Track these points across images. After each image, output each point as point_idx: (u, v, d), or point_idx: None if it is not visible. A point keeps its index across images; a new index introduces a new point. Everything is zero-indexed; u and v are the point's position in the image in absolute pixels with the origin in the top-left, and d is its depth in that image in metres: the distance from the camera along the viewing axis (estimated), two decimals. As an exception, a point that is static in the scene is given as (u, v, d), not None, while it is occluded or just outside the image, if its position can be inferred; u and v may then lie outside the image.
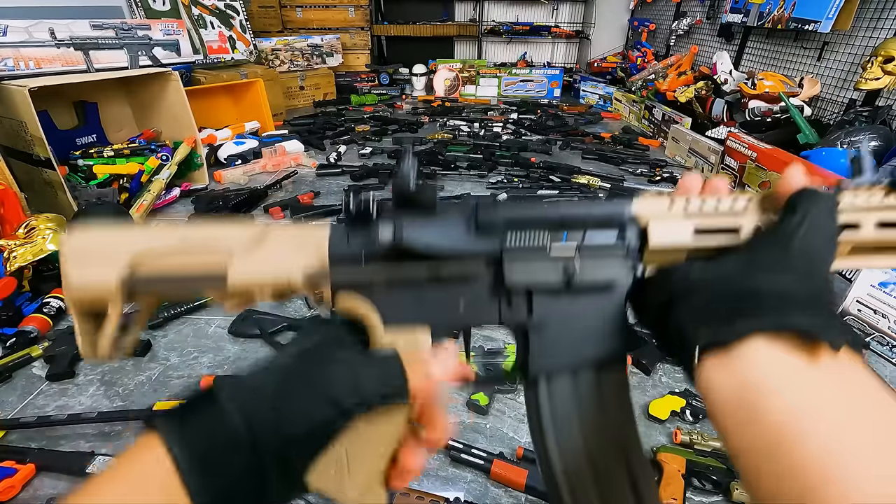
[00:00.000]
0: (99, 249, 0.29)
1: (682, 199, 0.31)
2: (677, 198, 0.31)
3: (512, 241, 0.30)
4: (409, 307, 0.30)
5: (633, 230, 0.31)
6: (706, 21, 3.21)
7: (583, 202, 0.32)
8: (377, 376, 0.27)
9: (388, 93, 3.91)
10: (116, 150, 1.90)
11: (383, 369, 0.27)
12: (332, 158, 2.40)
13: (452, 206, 0.31)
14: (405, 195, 0.30)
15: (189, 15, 2.70)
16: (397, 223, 0.29)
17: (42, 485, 0.84)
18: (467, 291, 0.31)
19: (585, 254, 0.30)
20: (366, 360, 0.28)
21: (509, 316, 0.31)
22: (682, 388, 1.03)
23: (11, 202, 1.48)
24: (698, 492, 0.84)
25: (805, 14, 2.22)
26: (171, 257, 0.29)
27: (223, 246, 0.29)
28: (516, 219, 0.30)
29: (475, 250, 0.30)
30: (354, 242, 0.30)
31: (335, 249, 0.29)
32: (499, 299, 0.31)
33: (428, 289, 0.30)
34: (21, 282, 1.30)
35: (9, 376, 1.07)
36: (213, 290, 0.30)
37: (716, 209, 0.31)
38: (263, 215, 1.87)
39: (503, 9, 4.41)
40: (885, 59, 1.84)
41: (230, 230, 0.30)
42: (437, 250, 0.29)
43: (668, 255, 0.31)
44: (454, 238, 0.30)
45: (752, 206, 0.31)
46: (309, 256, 0.29)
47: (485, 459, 0.86)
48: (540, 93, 4.07)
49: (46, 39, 1.96)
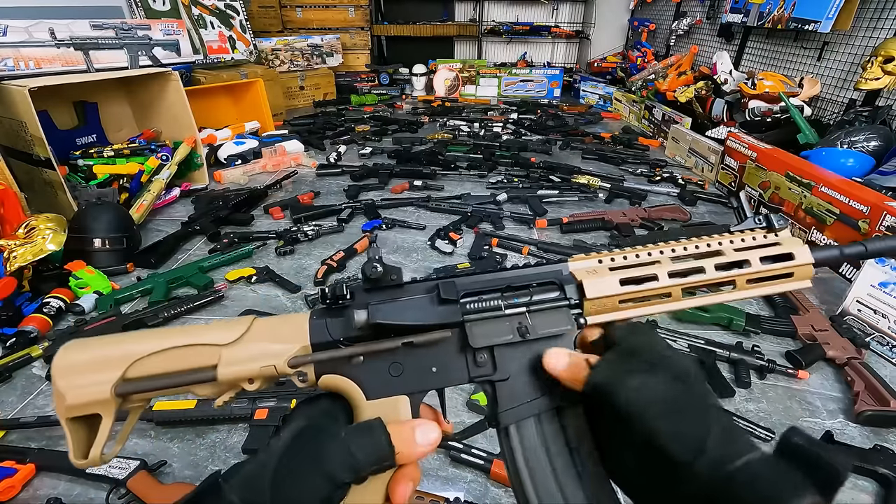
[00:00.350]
0: (89, 362, 0.30)
1: (606, 257, 0.38)
2: (601, 256, 0.38)
3: (471, 308, 0.34)
4: (387, 380, 0.34)
5: (571, 286, 0.37)
6: (706, 21, 3.21)
7: (525, 269, 0.38)
8: (367, 446, 0.29)
9: (388, 93, 3.91)
10: (116, 150, 1.90)
11: (372, 439, 0.29)
12: (332, 158, 2.40)
13: (416, 284, 0.36)
14: (373, 279, 0.34)
15: (189, 15, 2.70)
16: (371, 306, 0.33)
17: (42, 485, 0.85)
18: (438, 357, 0.34)
19: (535, 311, 0.35)
20: (355, 433, 0.30)
21: (477, 372, 0.35)
22: (682, 388, 1.03)
23: (11, 202, 1.48)
24: (698, 492, 0.84)
25: (805, 14, 2.22)
26: (160, 360, 0.31)
27: (210, 343, 0.32)
28: (472, 289, 0.35)
29: (441, 321, 0.34)
30: (333, 328, 0.33)
31: (316, 337, 0.33)
32: (465, 359, 0.35)
33: (403, 360, 0.34)
34: (21, 282, 1.30)
35: (9, 376, 1.07)
36: (203, 385, 0.32)
37: (635, 261, 0.38)
38: (263, 215, 1.87)
39: (503, 9, 4.41)
40: (885, 59, 1.84)
41: (215, 328, 0.32)
42: (407, 324, 0.33)
43: (603, 304, 0.37)
44: (421, 312, 0.34)
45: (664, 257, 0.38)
46: (292, 345, 0.32)
47: (485, 459, 0.86)
48: (540, 93, 4.07)
49: (46, 39, 1.96)
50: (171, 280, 1.39)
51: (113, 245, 1.49)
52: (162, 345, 0.31)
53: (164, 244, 1.59)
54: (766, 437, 0.93)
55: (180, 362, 0.31)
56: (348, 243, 1.59)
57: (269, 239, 1.65)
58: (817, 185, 1.58)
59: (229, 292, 1.38)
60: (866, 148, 1.77)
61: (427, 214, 1.88)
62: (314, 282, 1.42)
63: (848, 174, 1.66)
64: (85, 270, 1.35)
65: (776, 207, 1.78)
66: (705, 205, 2.00)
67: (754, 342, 1.18)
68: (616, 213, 1.79)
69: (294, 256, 1.58)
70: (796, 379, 1.09)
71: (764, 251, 0.39)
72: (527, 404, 0.35)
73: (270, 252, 1.60)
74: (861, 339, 1.17)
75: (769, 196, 1.82)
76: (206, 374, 0.31)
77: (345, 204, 1.88)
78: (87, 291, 1.32)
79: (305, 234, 1.65)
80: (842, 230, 1.49)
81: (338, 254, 1.51)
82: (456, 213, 1.83)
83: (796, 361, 1.12)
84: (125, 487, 0.81)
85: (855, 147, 1.78)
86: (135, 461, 0.84)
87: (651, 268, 0.38)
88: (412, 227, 1.75)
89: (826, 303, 1.35)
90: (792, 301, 1.30)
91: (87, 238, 1.46)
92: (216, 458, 0.89)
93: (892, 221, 1.31)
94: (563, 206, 1.94)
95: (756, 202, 1.90)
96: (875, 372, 1.06)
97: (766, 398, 1.04)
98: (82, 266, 1.37)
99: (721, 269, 0.38)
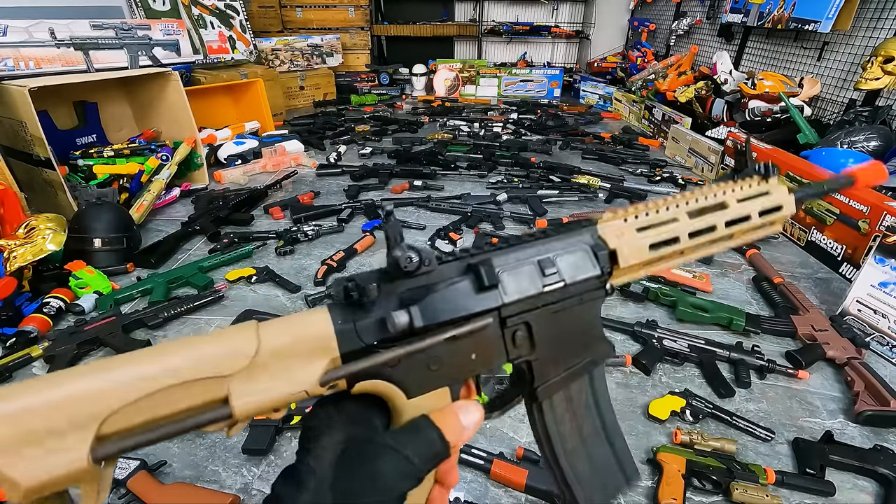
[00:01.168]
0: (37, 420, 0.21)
1: (630, 215, 0.38)
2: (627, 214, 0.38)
3: (510, 288, 0.33)
4: (427, 375, 0.31)
5: (604, 254, 0.36)
6: (706, 21, 3.21)
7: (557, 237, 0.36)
8: (421, 447, 0.28)
9: (388, 93, 3.91)
10: (116, 150, 1.90)
11: (425, 438, 0.28)
12: (332, 158, 2.40)
13: (445, 266, 0.32)
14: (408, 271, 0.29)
15: (189, 15, 2.70)
16: (412, 308, 0.29)
17: (42, 485, 0.84)
18: (477, 343, 0.33)
19: (570, 284, 0.35)
20: (404, 437, 0.28)
21: (516, 353, 0.34)
22: (682, 388, 1.03)
23: (11, 202, 1.48)
24: (698, 492, 0.84)
25: (805, 14, 2.22)
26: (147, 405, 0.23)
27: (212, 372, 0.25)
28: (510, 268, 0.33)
29: (483, 308, 0.32)
30: (365, 332, 0.28)
31: (346, 346, 0.28)
32: (504, 341, 0.34)
33: (442, 352, 0.31)
34: (21, 282, 1.30)
35: (9, 376, 1.07)
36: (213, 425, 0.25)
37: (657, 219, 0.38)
38: (263, 215, 1.87)
39: (503, 9, 4.41)
40: (885, 59, 1.84)
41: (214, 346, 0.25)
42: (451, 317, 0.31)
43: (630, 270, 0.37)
44: (462, 300, 0.31)
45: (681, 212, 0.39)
46: (320, 361, 0.27)
47: (485, 459, 0.86)
48: (540, 93, 4.07)
49: (46, 39, 1.96)
50: (171, 280, 1.39)
51: (113, 245, 1.49)
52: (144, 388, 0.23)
53: (164, 244, 1.59)
54: (767, 437, 0.93)
55: (177, 403, 0.24)
56: (348, 243, 1.59)
57: (269, 239, 1.65)
58: (817, 185, 1.58)
59: (229, 292, 1.38)
60: (866, 148, 1.77)
61: (427, 214, 1.88)
62: (314, 282, 1.42)
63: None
64: (85, 270, 1.35)
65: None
66: (705, 205, 2.00)
67: (754, 342, 1.18)
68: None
69: (294, 256, 1.58)
70: (796, 379, 1.09)
71: (760, 204, 0.42)
72: (561, 377, 0.36)
73: (270, 252, 1.60)
74: (861, 339, 1.17)
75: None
76: (216, 413, 0.24)
77: (345, 204, 1.88)
78: (87, 291, 1.32)
79: (305, 234, 1.65)
80: (842, 230, 1.49)
81: (338, 254, 1.51)
82: (456, 213, 1.83)
83: (796, 361, 1.12)
84: (125, 487, 0.81)
85: (855, 147, 1.78)
86: (135, 461, 0.84)
87: (672, 227, 0.38)
88: (412, 227, 1.75)
89: (826, 303, 1.35)
90: (792, 301, 1.30)
91: (87, 238, 1.46)
92: (216, 458, 0.89)
93: (893, 221, 1.31)
94: (563, 206, 1.94)
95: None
96: (875, 372, 1.06)
97: (766, 398, 1.04)
98: (82, 266, 1.37)
99: (730, 226, 0.40)
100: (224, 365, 0.25)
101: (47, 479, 0.21)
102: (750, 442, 0.94)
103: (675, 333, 1.17)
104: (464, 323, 0.31)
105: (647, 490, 0.84)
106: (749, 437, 0.94)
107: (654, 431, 0.95)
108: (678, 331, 1.18)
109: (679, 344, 1.14)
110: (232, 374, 0.25)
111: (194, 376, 0.24)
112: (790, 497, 0.84)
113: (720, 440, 0.90)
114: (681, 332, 1.17)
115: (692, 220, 0.39)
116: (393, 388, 0.30)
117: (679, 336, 1.16)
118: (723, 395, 1.03)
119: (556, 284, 0.34)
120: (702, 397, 1.00)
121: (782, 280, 1.39)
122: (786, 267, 1.54)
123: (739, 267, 1.55)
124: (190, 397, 0.24)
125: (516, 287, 0.33)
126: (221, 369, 0.25)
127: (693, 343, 1.14)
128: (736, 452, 0.89)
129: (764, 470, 0.84)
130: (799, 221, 1.67)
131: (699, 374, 1.10)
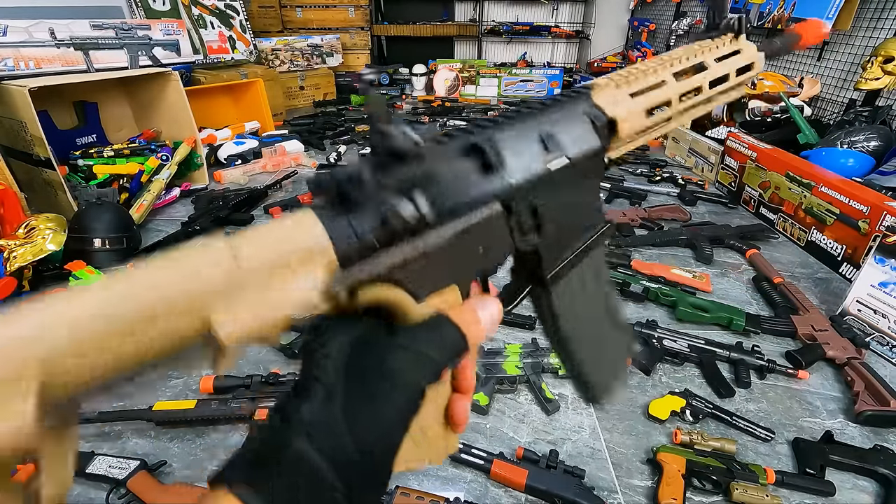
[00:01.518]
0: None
1: (622, 79, 0.37)
2: (616, 79, 0.37)
3: (514, 169, 0.30)
4: (433, 273, 0.27)
5: (602, 123, 0.35)
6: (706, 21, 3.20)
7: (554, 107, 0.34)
8: (436, 341, 0.25)
9: (388, 93, 3.91)
10: (116, 150, 1.90)
11: (439, 332, 0.26)
12: (332, 158, 2.40)
13: (440, 147, 0.29)
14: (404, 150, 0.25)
15: (189, 15, 2.70)
16: (415, 195, 0.25)
17: (42, 485, 0.84)
18: (484, 234, 0.29)
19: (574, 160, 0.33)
20: (418, 333, 0.25)
21: (523, 241, 0.32)
22: (682, 388, 1.03)
23: (11, 202, 1.48)
24: (698, 492, 0.84)
25: (805, 14, 2.22)
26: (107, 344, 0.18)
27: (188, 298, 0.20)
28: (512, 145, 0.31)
29: (490, 193, 0.29)
30: (362, 228, 0.24)
31: (344, 248, 0.23)
32: (510, 229, 0.31)
33: (449, 247, 0.27)
34: (21, 282, 1.30)
35: (9, 376, 1.07)
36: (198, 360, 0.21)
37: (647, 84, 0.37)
38: (263, 215, 1.87)
39: (503, 9, 4.41)
40: (885, 59, 1.84)
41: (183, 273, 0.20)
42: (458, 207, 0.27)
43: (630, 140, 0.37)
44: (468, 188, 0.28)
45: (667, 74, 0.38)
46: (316, 268, 0.23)
47: (485, 459, 0.86)
48: (540, 93, 4.07)
49: (46, 39, 1.96)
50: (171, 280, 1.39)
51: (113, 245, 1.49)
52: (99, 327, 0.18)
53: (164, 244, 1.59)
54: (767, 437, 0.93)
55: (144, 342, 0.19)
56: (348, 243, 1.59)
57: (269, 239, 1.65)
58: (817, 185, 1.58)
59: (229, 292, 1.38)
60: (866, 148, 1.77)
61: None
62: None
63: (848, 174, 1.66)
64: (85, 270, 1.35)
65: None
66: (705, 205, 2.00)
67: (754, 342, 1.18)
68: (616, 213, 1.79)
69: (294, 256, 1.58)
70: (796, 379, 1.09)
71: (735, 62, 0.43)
72: (569, 259, 0.35)
73: (270, 252, 1.60)
74: (861, 339, 1.17)
75: (769, 196, 1.82)
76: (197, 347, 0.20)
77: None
78: (87, 291, 1.32)
79: (305, 234, 1.65)
80: (842, 230, 1.49)
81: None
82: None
83: (796, 361, 1.12)
84: (125, 487, 0.81)
85: (855, 147, 1.78)
86: (135, 461, 0.84)
87: (664, 91, 0.38)
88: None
89: (826, 303, 1.35)
90: (792, 301, 1.30)
91: (87, 238, 1.46)
92: (216, 458, 0.89)
93: (893, 221, 1.31)
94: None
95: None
96: (875, 372, 1.06)
97: (766, 398, 1.04)
98: (82, 266, 1.37)
99: (713, 86, 0.41)
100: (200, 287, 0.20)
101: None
102: (750, 442, 0.94)
103: (675, 333, 1.17)
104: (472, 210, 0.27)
105: (647, 490, 0.84)
106: (749, 437, 0.94)
107: (654, 431, 0.95)
108: (678, 331, 1.18)
109: (679, 344, 1.14)
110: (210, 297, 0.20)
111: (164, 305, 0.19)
112: (790, 497, 0.84)
113: (720, 440, 0.90)
114: (681, 332, 1.17)
115: (679, 83, 0.39)
116: (400, 293, 0.25)
117: (679, 336, 1.16)
118: (723, 395, 1.03)
119: (561, 161, 0.32)
120: (702, 397, 1.00)
121: (782, 280, 1.39)
122: (786, 267, 1.54)
123: (739, 267, 1.55)
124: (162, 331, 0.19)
125: (521, 167, 0.30)
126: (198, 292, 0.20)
127: (693, 343, 1.14)
128: (736, 452, 0.89)
129: (764, 470, 0.84)
130: (799, 221, 1.67)
131: (699, 374, 1.10)
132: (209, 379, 1.00)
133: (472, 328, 0.27)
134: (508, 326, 1.21)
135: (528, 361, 1.06)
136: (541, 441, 0.93)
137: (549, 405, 0.99)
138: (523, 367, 1.05)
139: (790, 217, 1.71)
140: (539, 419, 0.98)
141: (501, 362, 1.06)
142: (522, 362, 1.06)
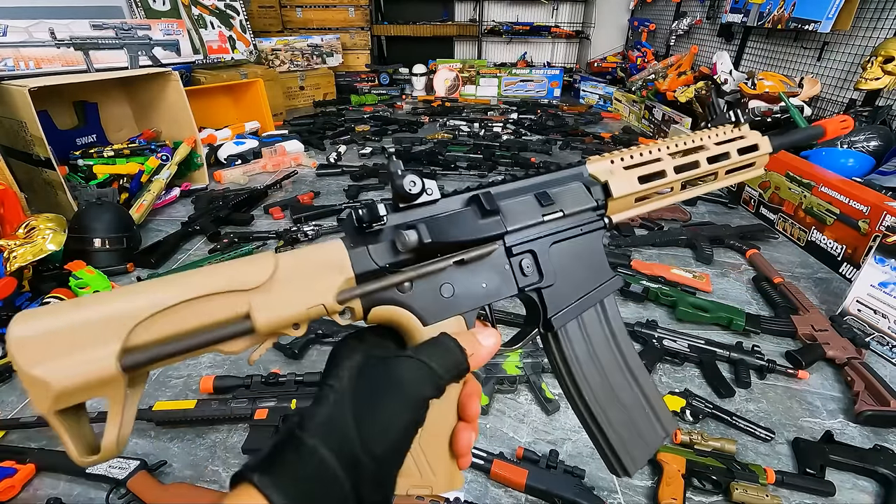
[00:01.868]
0: (69, 332, 0.23)
1: (617, 157, 0.41)
2: (612, 157, 0.41)
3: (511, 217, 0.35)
4: (440, 302, 0.32)
5: (596, 188, 0.40)
6: (706, 21, 3.21)
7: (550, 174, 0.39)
8: (439, 356, 0.28)
9: (388, 93, 3.91)
10: (116, 150, 1.90)
11: (443, 348, 0.29)
12: (332, 158, 2.40)
13: (449, 199, 0.34)
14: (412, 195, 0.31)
15: (189, 15, 2.70)
16: (420, 225, 0.31)
17: (42, 485, 0.85)
18: (486, 271, 0.34)
19: (568, 214, 0.38)
20: (424, 348, 0.29)
21: (525, 282, 0.36)
22: (682, 388, 1.03)
23: (11, 202, 1.48)
24: (698, 492, 0.84)
25: (805, 14, 2.22)
26: (171, 318, 0.25)
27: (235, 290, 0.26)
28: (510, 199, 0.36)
29: (487, 234, 0.34)
30: (378, 254, 0.30)
31: (360, 267, 0.30)
32: (512, 270, 0.35)
33: (453, 279, 0.33)
34: (21, 282, 1.30)
35: (9, 376, 1.07)
36: (235, 340, 0.26)
37: (642, 159, 0.41)
38: (263, 215, 1.87)
39: (503, 9, 4.41)
40: (885, 59, 1.83)
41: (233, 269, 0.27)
42: (457, 240, 0.32)
43: (624, 203, 0.41)
44: (466, 227, 0.33)
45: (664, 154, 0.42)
46: (335, 278, 0.29)
47: (485, 459, 0.85)
48: (540, 93, 4.07)
49: (46, 39, 1.96)
50: (171, 280, 1.39)
51: (113, 245, 1.49)
52: (167, 300, 0.24)
53: (164, 244, 1.59)
54: (767, 437, 0.93)
55: (199, 317, 0.25)
56: (348, 243, 1.59)
57: (269, 239, 1.65)
58: (817, 185, 1.58)
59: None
60: (866, 148, 1.77)
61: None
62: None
63: (848, 174, 1.66)
64: (85, 270, 1.35)
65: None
66: (705, 205, 2.00)
67: (754, 342, 1.18)
68: (616, 213, 1.79)
69: (294, 256, 1.58)
70: (796, 379, 1.09)
71: (738, 144, 0.46)
72: (573, 306, 0.38)
73: (270, 252, 1.60)
74: (861, 339, 1.17)
75: (769, 196, 1.82)
76: (238, 326, 0.26)
77: (345, 204, 1.88)
78: (87, 291, 1.32)
79: (305, 234, 1.65)
80: (842, 230, 1.49)
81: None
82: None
83: (796, 361, 1.12)
84: (125, 487, 0.81)
85: (855, 147, 1.78)
86: (135, 461, 0.84)
87: (658, 164, 0.42)
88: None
89: (826, 303, 1.35)
90: (792, 301, 1.30)
91: (87, 238, 1.46)
92: (216, 458, 0.89)
93: (893, 221, 1.31)
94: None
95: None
96: (875, 372, 1.06)
97: (766, 398, 1.04)
98: (82, 266, 1.36)
99: (711, 162, 0.44)
100: (243, 280, 0.26)
101: (79, 382, 0.22)
102: (750, 442, 0.94)
103: (675, 333, 1.17)
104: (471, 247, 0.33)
105: (647, 490, 0.84)
106: (749, 437, 0.94)
107: (654, 431, 0.95)
108: (678, 331, 1.18)
109: (679, 344, 1.14)
110: (251, 289, 0.26)
111: (215, 289, 0.25)
112: (790, 497, 0.84)
113: (720, 440, 0.90)
114: (681, 332, 1.17)
115: (675, 160, 0.43)
116: (408, 315, 0.31)
117: (679, 336, 1.16)
118: (723, 395, 1.03)
119: (555, 214, 0.37)
120: (702, 397, 1.00)
121: (782, 280, 1.39)
122: (786, 267, 1.54)
123: (739, 267, 1.55)
124: (212, 310, 0.25)
125: (517, 216, 0.35)
126: (241, 284, 0.26)
127: (693, 343, 1.14)
128: (736, 452, 0.89)
129: (764, 470, 0.84)
130: (799, 221, 1.67)
131: (699, 374, 1.10)
132: (209, 379, 1.00)
133: (473, 350, 0.30)
134: (509, 327, 1.21)
135: (528, 361, 1.07)
136: (541, 441, 0.93)
137: (549, 405, 0.99)
138: (523, 367, 1.05)
139: (790, 217, 1.71)
140: (539, 419, 0.98)
141: (501, 362, 1.06)
142: (522, 362, 1.06)
